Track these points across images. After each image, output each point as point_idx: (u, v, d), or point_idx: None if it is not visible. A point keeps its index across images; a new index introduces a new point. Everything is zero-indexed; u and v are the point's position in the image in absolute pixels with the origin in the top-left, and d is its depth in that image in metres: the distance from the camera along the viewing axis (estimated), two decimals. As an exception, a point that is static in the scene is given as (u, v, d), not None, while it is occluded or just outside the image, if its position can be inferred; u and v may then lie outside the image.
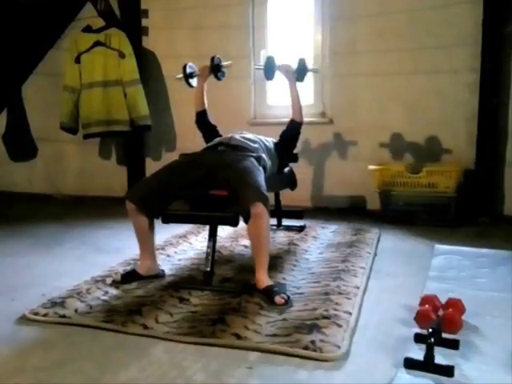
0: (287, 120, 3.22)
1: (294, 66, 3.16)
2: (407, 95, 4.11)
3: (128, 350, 1.77)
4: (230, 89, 4.37)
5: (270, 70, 3.11)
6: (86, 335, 1.90)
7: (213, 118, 3.29)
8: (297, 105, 3.16)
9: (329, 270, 2.58)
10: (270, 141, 3.06)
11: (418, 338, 1.68)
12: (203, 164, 2.59)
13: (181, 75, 3.20)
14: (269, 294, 2.15)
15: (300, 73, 3.16)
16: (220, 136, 3.05)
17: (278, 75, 3.19)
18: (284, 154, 3.10)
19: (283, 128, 3.20)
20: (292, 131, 3.17)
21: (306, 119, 3.26)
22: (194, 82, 3.23)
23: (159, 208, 2.46)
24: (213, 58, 3.16)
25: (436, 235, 3.35)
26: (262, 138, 2.99)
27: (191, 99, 3.34)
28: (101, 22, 4.50)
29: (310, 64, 3.17)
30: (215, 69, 3.14)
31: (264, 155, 2.75)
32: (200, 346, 1.78)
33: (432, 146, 4.04)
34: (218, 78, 3.22)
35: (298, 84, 3.20)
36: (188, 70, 3.13)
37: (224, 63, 3.20)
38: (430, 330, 1.63)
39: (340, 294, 2.22)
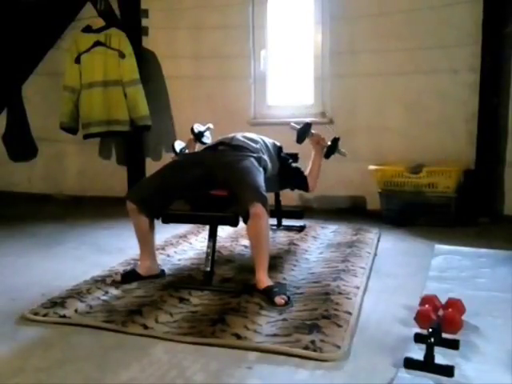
0: (287, 120, 3.20)
1: (328, 141, 3.13)
2: (407, 95, 4.11)
3: (128, 350, 1.77)
4: (230, 89, 4.38)
5: (303, 135, 3.10)
6: (86, 335, 1.90)
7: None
8: (315, 175, 3.14)
9: (329, 270, 2.58)
10: (273, 142, 3.06)
11: (418, 338, 1.68)
12: (203, 164, 2.59)
13: (173, 155, 3.22)
14: (269, 295, 2.15)
15: (329, 151, 3.14)
16: None
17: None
18: (282, 169, 3.09)
19: (303, 168, 3.15)
20: (298, 184, 3.17)
21: (305, 119, 3.25)
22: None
23: (159, 208, 2.46)
24: (192, 129, 3.20)
25: (436, 235, 3.35)
26: (265, 138, 2.99)
27: (191, 99, 3.33)
28: (101, 22, 4.49)
29: (341, 147, 3.17)
30: (198, 137, 3.20)
31: (265, 156, 2.75)
32: (200, 346, 1.78)
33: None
34: (204, 143, 3.25)
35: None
36: (177, 148, 3.18)
37: (203, 128, 3.22)
38: (430, 330, 1.63)
39: (340, 293, 2.22)
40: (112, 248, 3.17)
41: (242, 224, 2.34)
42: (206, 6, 4.53)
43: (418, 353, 1.60)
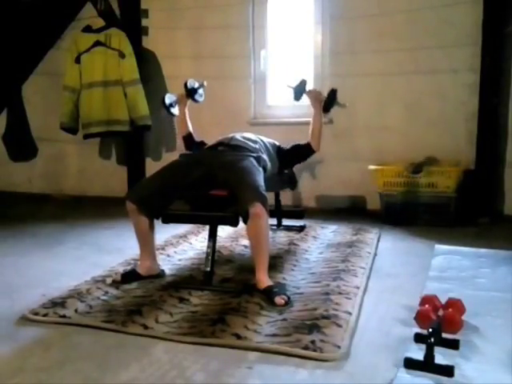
0: (287, 120, 3.21)
1: (324, 94, 3.13)
2: (407, 95, 4.11)
3: (128, 350, 1.77)
4: (230, 89, 4.38)
5: (299, 92, 3.12)
6: (86, 335, 1.90)
7: (198, 135, 3.27)
8: (318, 133, 3.12)
9: (329, 270, 2.58)
10: (272, 142, 3.06)
11: (418, 338, 1.68)
12: (203, 164, 2.60)
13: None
14: (269, 295, 2.15)
15: (328, 103, 3.12)
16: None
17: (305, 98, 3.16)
18: (284, 162, 3.10)
19: (297, 143, 3.17)
20: (304, 154, 3.17)
21: (306, 119, 3.25)
22: (175, 110, 3.24)
23: (159, 208, 2.46)
24: (186, 83, 3.17)
25: (436, 235, 3.35)
26: (264, 138, 3.00)
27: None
28: (101, 22, 4.50)
29: (339, 98, 3.16)
30: (190, 93, 3.18)
31: (264, 155, 2.75)
32: (200, 346, 1.78)
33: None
34: (196, 101, 3.24)
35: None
36: (167, 101, 3.16)
37: (197, 84, 3.20)
38: (430, 330, 1.63)
39: (340, 293, 2.22)
40: (112, 248, 3.17)
41: (242, 224, 2.34)
42: (206, 6, 4.54)
43: (417, 353, 1.60)
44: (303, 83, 3.13)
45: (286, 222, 3.64)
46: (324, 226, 3.72)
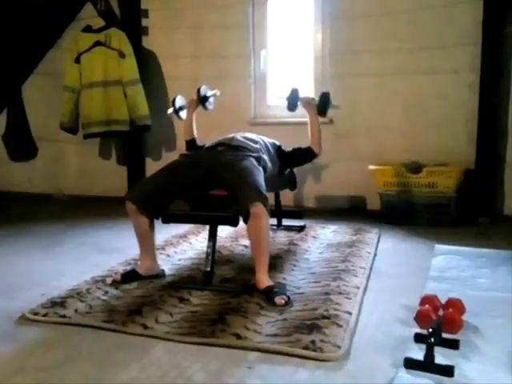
0: (287, 120, 3.21)
1: (317, 99, 3.17)
2: (407, 95, 4.11)
3: (128, 350, 1.77)
4: (230, 89, 4.37)
5: (293, 102, 3.14)
6: (86, 335, 1.90)
7: (201, 139, 3.27)
8: (317, 137, 3.16)
9: (329, 270, 2.58)
10: (273, 142, 3.06)
11: (418, 338, 1.68)
12: (203, 164, 2.60)
13: (171, 110, 3.20)
14: (269, 295, 2.15)
15: (322, 107, 3.16)
16: None
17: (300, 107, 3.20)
18: (285, 164, 3.11)
19: (298, 146, 3.19)
20: (305, 157, 3.20)
21: (306, 119, 3.25)
22: (183, 114, 3.25)
23: (159, 208, 2.46)
24: (198, 90, 3.18)
25: (436, 235, 3.35)
26: (264, 138, 3.00)
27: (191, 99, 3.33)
28: (101, 22, 4.50)
29: (333, 100, 3.18)
30: (202, 100, 3.19)
31: (265, 156, 2.75)
32: (200, 346, 1.78)
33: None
34: (206, 108, 3.24)
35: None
36: (177, 104, 3.16)
37: (210, 93, 3.21)
38: (430, 330, 1.63)
39: (340, 293, 2.22)
40: (112, 248, 3.17)
41: (242, 224, 2.34)
42: (206, 6, 4.54)
43: (417, 353, 1.60)
44: (295, 92, 3.15)
45: (286, 222, 3.64)
46: (324, 225, 3.72)
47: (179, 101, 3.16)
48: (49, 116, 4.91)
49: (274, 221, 3.48)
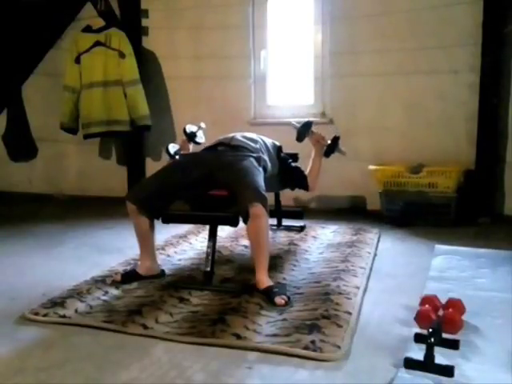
0: (287, 120, 3.20)
1: (328, 140, 3.14)
2: (407, 95, 4.11)
3: (128, 350, 1.77)
4: (230, 89, 4.38)
5: (303, 133, 3.11)
6: (86, 335, 1.90)
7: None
8: (315, 175, 3.15)
9: (329, 270, 2.58)
10: (272, 142, 3.06)
11: (418, 338, 1.68)
12: (203, 164, 2.59)
13: (169, 159, 3.21)
14: (269, 295, 2.15)
15: (330, 149, 3.15)
16: None
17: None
18: (282, 168, 3.09)
19: (298, 165, 3.18)
20: (299, 184, 3.17)
21: (306, 119, 3.25)
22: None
23: (159, 208, 2.46)
24: (184, 129, 3.19)
25: (436, 235, 3.35)
26: (264, 138, 2.99)
27: (191, 99, 3.33)
28: (101, 22, 4.50)
29: (341, 145, 3.17)
30: (191, 138, 3.19)
31: (265, 156, 2.75)
32: (200, 346, 1.78)
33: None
34: (197, 143, 3.24)
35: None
36: (172, 151, 3.17)
37: (195, 128, 3.21)
38: (430, 330, 1.63)
39: (340, 293, 2.22)
40: (112, 248, 3.17)
41: (242, 224, 2.34)
42: (206, 6, 4.54)
43: (417, 353, 1.60)
44: (308, 125, 3.12)
45: (286, 221, 3.64)
46: (324, 225, 3.72)
47: (172, 148, 3.18)
48: (49, 116, 4.91)
49: (274, 221, 3.48)
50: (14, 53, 4.58)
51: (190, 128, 3.21)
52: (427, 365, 1.54)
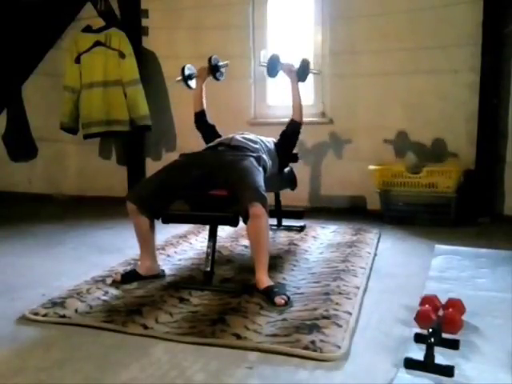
0: (287, 120, 3.21)
1: (297, 65, 3.17)
2: (407, 95, 4.11)
3: (128, 350, 1.77)
4: (230, 89, 4.37)
5: (273, 67, 3.13)
6: (86, 335, 1.90)
7: (211, 118, 3.29)
8: (298, 105, 3.16)
9: (329, 270, 2.58)
10: (271, 141, 3.06)
11: (418, 338, 1.68)
12: (203, 164, 2.60)
13: (180, 77, 3.21)
14: (269, 295, 2.15)
15: (302, 73, 3.17)
16: (219, 136, 3.05)
17: (281, 74, 3.19)
18: (283, 154, 3.10)
19: (283, 128, 3.20)
20: (292, 131, 3.17)
21: (305, 119, 3.26)
22: (192, 83, 3.24)
23: (160, 208, 2.46)
24: (210, 59, 3.16)
25: (436, 235, 3.35)
26: (263, 138, 3.00)
27: (191, 99, 3.33)
28: (101, 22, 4.50)
29: (312, 65, 3.18)
30: (213, 69, 3.16)
31: (264, 155, 2.75)
32: (200, 346, 1.78)
33: (437, 149, 4.04)
34: (217, 79, 3.23)
35: (300, 84, 3.20)
36: (187, 72, 3.14)
37: (221, 63, 3.20)
38: (430, 330, 1.63)
39: (340, 293, 2.22)
40: (112, 248, 3.17)
41: (242, 224, 2.34)
42: (206, 6, 4.54)
43: (417, 353, 1.60)
44: (275, 57, 3.12)
45: (285, 221, 3.64)
46: (324, 225, 3.72)
47: (188, 69, 3.13)
48: (49, 116, 4.91)
49: (274, 221, 3.48)
50: (14, 53, 4.58)
51: (216, 60, 3.17)
52: (427, 365, 1.54)
